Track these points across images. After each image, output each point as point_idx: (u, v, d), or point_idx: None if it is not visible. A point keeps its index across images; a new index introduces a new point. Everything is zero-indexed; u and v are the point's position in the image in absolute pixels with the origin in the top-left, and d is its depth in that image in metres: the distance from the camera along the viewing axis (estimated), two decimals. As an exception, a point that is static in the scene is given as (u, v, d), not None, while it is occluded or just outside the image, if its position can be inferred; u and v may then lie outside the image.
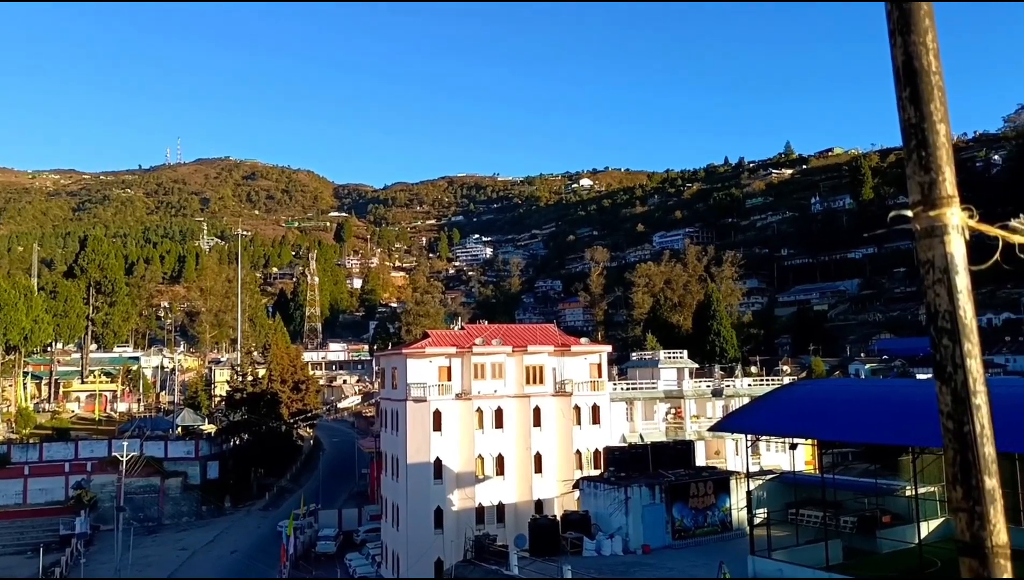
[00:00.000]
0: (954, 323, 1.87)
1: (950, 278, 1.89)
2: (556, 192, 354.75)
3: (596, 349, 58.37)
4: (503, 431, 51.16)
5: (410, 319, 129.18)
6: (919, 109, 1.98)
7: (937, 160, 1.95)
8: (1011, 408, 26.05)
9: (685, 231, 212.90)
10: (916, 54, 2.01)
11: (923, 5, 2.01)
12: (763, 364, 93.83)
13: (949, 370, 1.86)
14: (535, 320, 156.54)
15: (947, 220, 1.91)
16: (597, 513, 40.35)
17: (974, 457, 1.82)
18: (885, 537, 32.12)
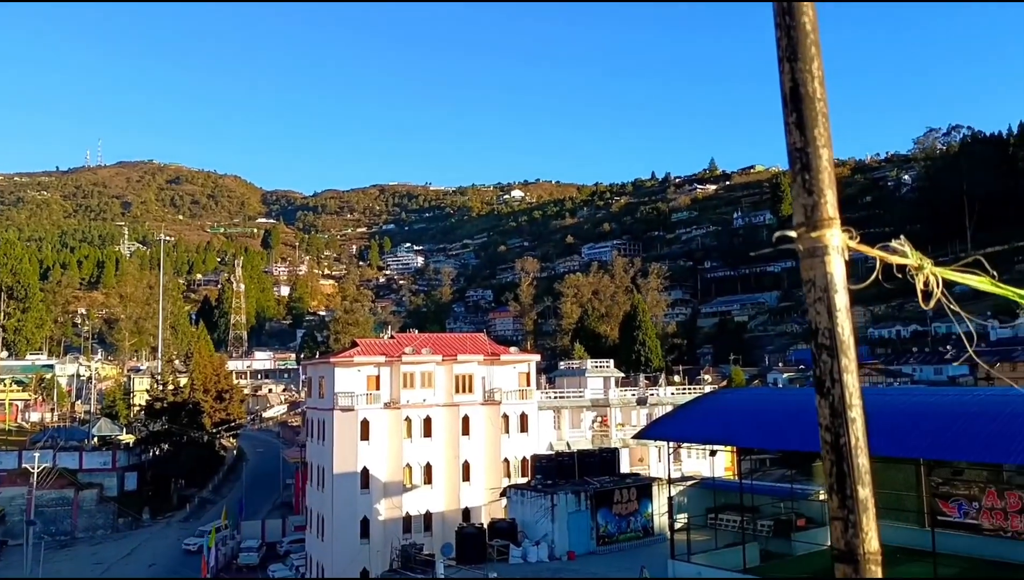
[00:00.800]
0: (833, 340, 1.90)
1: (830, 297, 1.93)
2: (488, 203, 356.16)
3: (525, 358, 58.99)
4: (432, 440, 51.18)
5: (339, 328, 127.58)
6: (804, 134, 2.04)
7: (819, 183, 2.01)
8: (918, 415, 27.60)
9: (613, 243, 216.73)
10: (802, 81, 2.05)
11: (810, 35, 2.06)
12: (686, 373, 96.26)
13: (827, 385, 1.90)
14: (466, 329, 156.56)
15: (828, 241, 1.97)
16: (524, 520, 40.80)
17: (849, 468, 1.86)
18: (799, 540, 33.34)
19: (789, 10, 2.03)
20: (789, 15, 2.03)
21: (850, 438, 1.86)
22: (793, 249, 2.19)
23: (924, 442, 26.00)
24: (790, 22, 2.03)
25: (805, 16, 2.04)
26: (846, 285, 1.98)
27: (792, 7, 2.04)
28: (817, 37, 2.08)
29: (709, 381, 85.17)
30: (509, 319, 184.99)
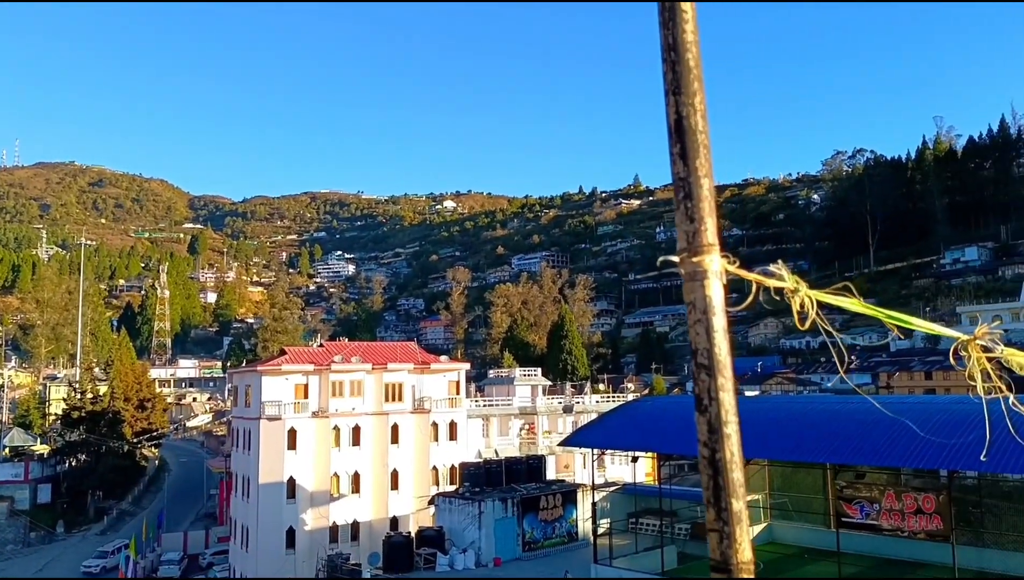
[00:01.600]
0: (711, 360, 1.96)
1: (708, 319, 1.99)
2: (420, 212, 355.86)
3: (455, 367, 59.58)
4: (360, 449, 51.24)
5: (267, 335, 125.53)
6: (687, 164, 2.09)
7: (700, 211, 2.06)
8: (825, 423, 29.32)
9: (542, 255, 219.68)
10: (686, 114, 2.10)
11: (693, 71, 2.10)
12: (610, 381, 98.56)
13: (705, 402, 1.94)
14: (397, 338, 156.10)
15: (707, 266, 2.02)
16: (452, 528, 41.29)
17: (724, 482, 1.88)
18: (714, 542, 34.81)
19: (675, 46, 2.12)
20: (674, 51, 2.12)
21: (725, 453, 1.91)
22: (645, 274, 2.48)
23: (830, 448, 27.66)
24: (675, 58, 2.11)
25: (689, 53, 2.12)
26: (724, 307, 2.06)
27: (677, 44, 2.12)
28: (700, 73, 2.13)
29: (632, 389, 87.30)
30: (440, 328, 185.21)
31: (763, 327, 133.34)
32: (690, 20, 2.04)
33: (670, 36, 2.06)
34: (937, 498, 28.47)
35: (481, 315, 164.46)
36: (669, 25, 2.04)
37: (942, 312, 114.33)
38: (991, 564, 27.73)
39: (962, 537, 27.27)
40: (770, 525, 36.46)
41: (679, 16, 2.03)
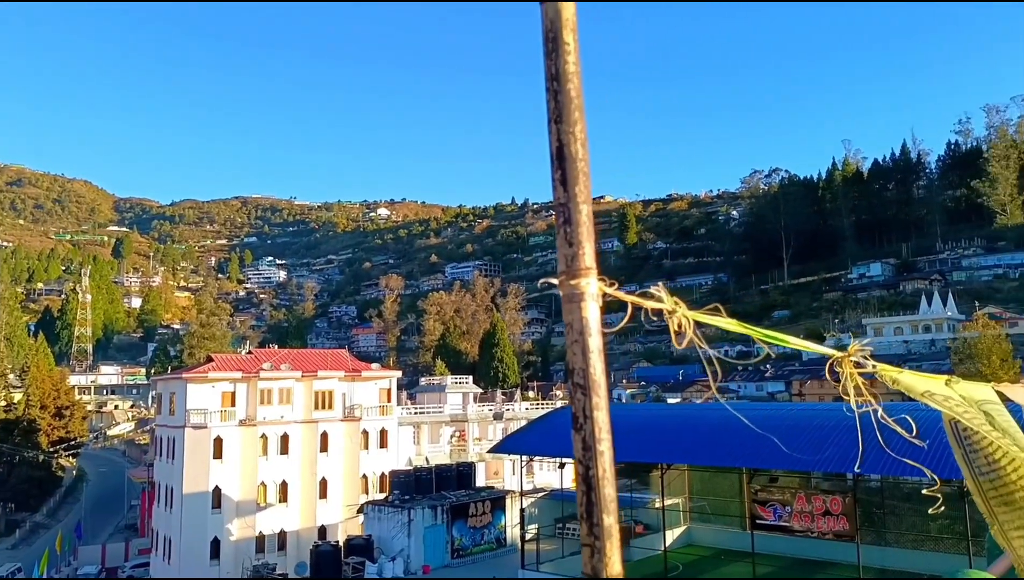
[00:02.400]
0: (586, 379, 1.90)
1: (585, 340, 1.94)
2: (354, 219, 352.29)
3: (386, 374, 59.37)
4: (288, 457, 50.56)
5: (194, 342, 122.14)
6: (567, 190, 2.05)
7: (579, 236, 2.01)
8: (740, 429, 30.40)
9: (475, 264, 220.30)
10: (567, 142, 2.08)
11: (575, 100, 2.10)
12: (540, 389, 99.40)
13: (581, 420, 1.90)
14: (328, 345, 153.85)
15: (584, 289, 1.97)
16: (381, 536, 41.12)
17: (597, 498, 1.84)
18: (637, 546, 35.52)
19: (557, 76, 2.11)
20: (557, 81, 2.11)
21: (598, 470, 1.86)
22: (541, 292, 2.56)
23: (745, 453, 28.74)
24: (557, 88, 2.11)
25: (571, 84, 2.11)
26: (600, 329, 2.00)
27: (560, 75, 2.11)
28: (581, 103, 2.13)
29: (561, 396, 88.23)
30: (373, 335, 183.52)
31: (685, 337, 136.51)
32: (572, 52, 2.07)
33: (553, 67, 2.09)
34: (844, 500, 29.86)
35: (414, 323, 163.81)
36: (552, 56, 2.06)
37: (849, 323, 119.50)
38: (893, 562, 29.25)
39: (867, 537, 28.68)
40: (689, 528, 37.50)
41: (562, 48, 2.05)
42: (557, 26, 2.14)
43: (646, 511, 38.70)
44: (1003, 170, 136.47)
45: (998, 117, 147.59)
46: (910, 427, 2.45)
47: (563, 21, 2.13)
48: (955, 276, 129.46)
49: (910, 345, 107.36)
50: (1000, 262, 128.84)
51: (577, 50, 2.19)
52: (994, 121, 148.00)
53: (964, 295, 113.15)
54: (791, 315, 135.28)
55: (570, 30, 2.15)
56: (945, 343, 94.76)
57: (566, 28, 2.14)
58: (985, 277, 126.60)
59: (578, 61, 2.18)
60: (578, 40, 2.19)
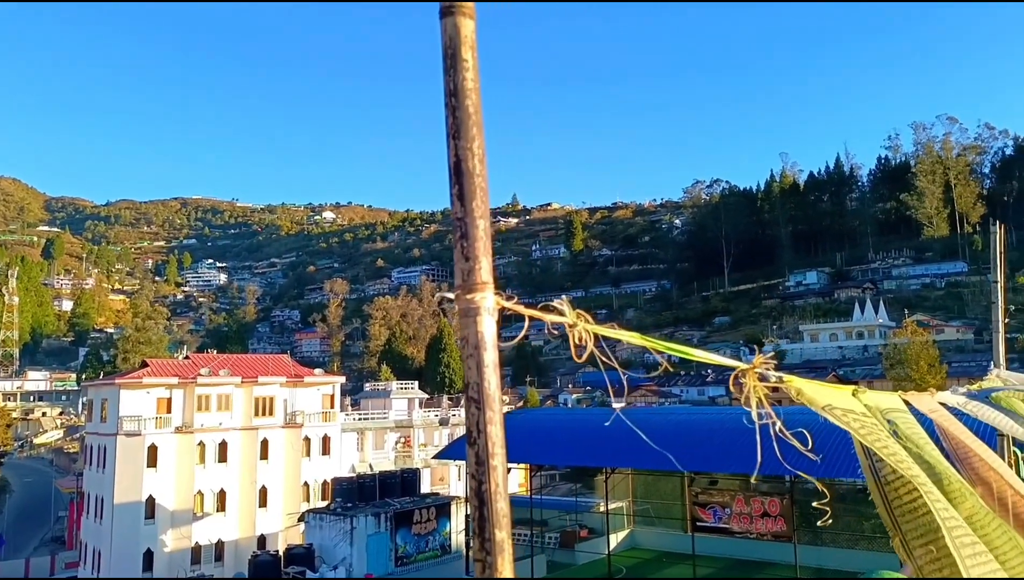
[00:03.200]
0: (480, 394, 1.95)
1: (479, 354, 1.98)
2: (298, 222, 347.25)
3: (329, 380, 58.59)
4: (227, 465, 49.47)
5: (128, 346, 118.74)
6: (464, 205, 2.10)
7: (475, 250, 2.05)
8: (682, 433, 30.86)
9: (422, 269, 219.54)
10: (464, 157, 2.11)
11: (473, 116, 2.14)
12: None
13: (474, 435, 1.94)
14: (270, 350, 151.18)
15: (480, 303, 2.02)
16: (322, 545, 40.51)
17: (489, 512, 1.87)
18: (582, 550, 35.80)
19: (456, 92, 2.14)
20: (455, 97, 2.14)
21: (491, 484, 1.89)
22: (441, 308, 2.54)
23: (686, 456, 29.19)
24: (456, 103, 2.14)
25: (469, 100, 2.14)
26: (496, 343, 2.06)
27: (458, 90, 2.14)
28: (480, 119, 2.18)
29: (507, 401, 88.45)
30: (316, 340, 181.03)
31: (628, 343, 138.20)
32: (471, 68, 2.10)
33: (452, 83, 2.12)
34: (781, 502, 30.58)
35: (359, 328, 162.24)
36: (451, 72, 2.09)
37: (787, 330, 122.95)
38: (828, 561, 30.01)
39: (803, 537, 29.34)
40: (633, 531, 37.88)
41: (460, 64, 2.08)
42: (456, 43, 2.13)
43: (591, 515, 38.98)
44: (929, 185, 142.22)
45: (925, 134, 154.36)
46: (806, 440, 2.49)
47: (462, 38, 2.12)
48: (886, 285, 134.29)
49: (845, 350, 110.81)
50: (927, 272, 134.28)
51: (476, 67, 2.18)
52: (921, 138, 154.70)
53: (894, 303, 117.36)
54: (731, 321, 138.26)
55: (468, 47, 2.14)
56: (877, 349, 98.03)
57: (464, 45, 2.13)
58: (914, 286, 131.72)
59: (477, 77, 2.17)
60: (477, 57, 2.19)
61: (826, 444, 4.94)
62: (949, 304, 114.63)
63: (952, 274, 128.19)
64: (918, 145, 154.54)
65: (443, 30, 2.08)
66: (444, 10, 2.07)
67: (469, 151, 2.09)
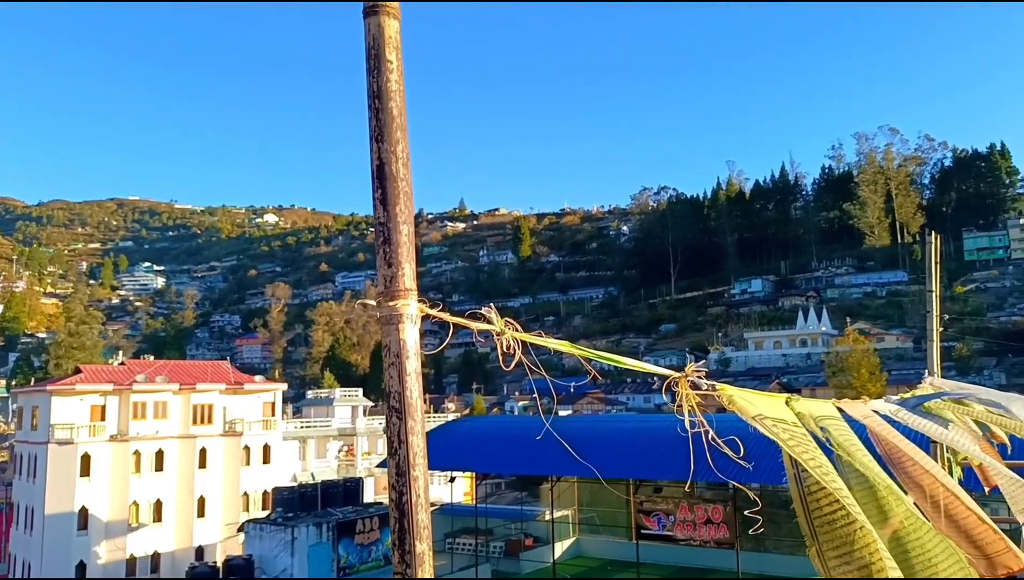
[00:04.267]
0: (402, 403, 2.00)
1: (401, 362, 2.02)
2: (239, 225, 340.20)
3: (270, 387, 57.52)
4: (164, 475, 48.12)
5: (61, 352, 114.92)
6: (387, 210, 2.10)
7: (398, 256, 2.07)
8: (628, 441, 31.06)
9: (367, 273, 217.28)
10: (388, 161, 2.13)
11: (397, 119, 2.15)
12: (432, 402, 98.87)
13: (395, 446, 1.98)
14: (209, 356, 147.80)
15: (402, 311, 2.04)
16: (262, 556, 39.66)
17: (410, 524, 1.91)
18: (527, 559, 35.69)
19: (379, 94, 2.16)
20: (379, 99, 2.17)
21: (412, 496, 1.94)
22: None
23: (631, 464, 29.37)
24: (379, 106, 2.16)
25: (393, 102, 2.16)
26: (418, 351, 2.10)
27: (382, 92, 2.16)
28: (404, 122, 2.17)
29: (453, 409, 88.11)
30: (257, 346, 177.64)
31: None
32: (395, 70, 2.14)
33: (375, 84, 2.14)
34: (724, 509, 30.94)
35: (302, 334, 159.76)
36: (374, 73, 2.13)
37: (732, 337, 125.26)
38: (771, 568, 30.42)
39: (746, 544, 29.72)
40: (578, 539, 37.93)
41: (384, 65, 2.13)
42: (380, 43, 2.08)
43: (536, 523, 38.90)
44: (872, 194, 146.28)
45: (867, 145, 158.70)
46: (738, 448, 2.57)
47: (386, 39, 2.07)
48: (829, 293, 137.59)
49: (788, 358, 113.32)
50: (869, 281, 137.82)
51: (400, 68, 2.14)
52: (864, 148, 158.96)
53: (837, 311, 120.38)
54: (678, 329, 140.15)
55: (393, 48, 2.08)
56: (820, 356, 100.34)
57: (389, 46, 2.08)
58: (856, 295, 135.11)
59: (401, 79, 2.14)
60: (402, 58, 2.13)
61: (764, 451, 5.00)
62: (890, 313, 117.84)
63: (893, 283, 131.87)
64: (861, 155, 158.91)
65: (367, 30, 2.12)
66: (368, 10, 2.12)
67: (392, 154, 2.10)
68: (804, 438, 2.94)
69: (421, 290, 9.95)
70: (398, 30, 2.14)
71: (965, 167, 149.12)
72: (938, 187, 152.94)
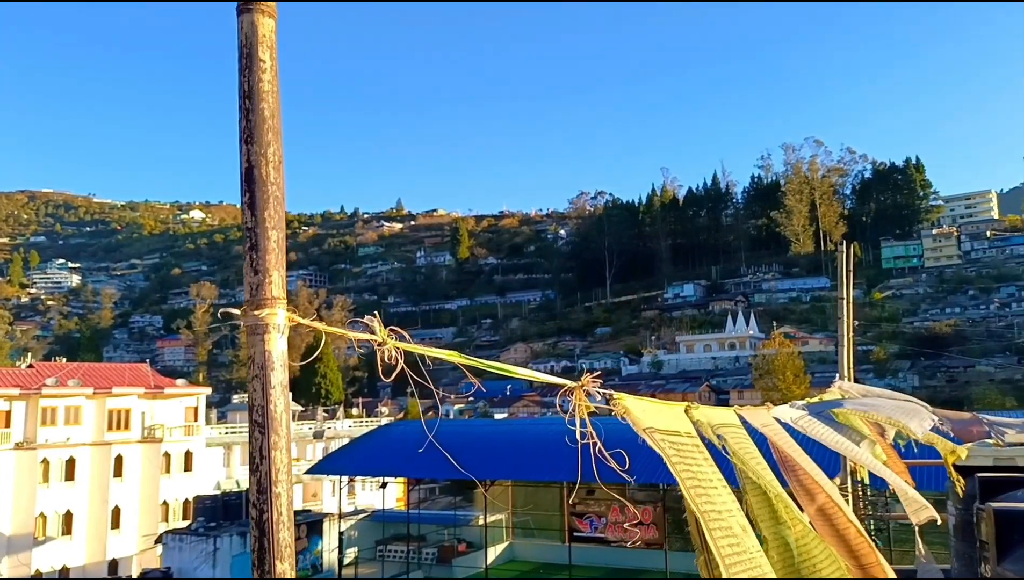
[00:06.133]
0: (265, 417, 1.93)
1: (266, 374, 1.95)
2: (163, 221, 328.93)
3: (193, 391, 55.66)
4: (75, 484, 45.87)
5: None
6: (255, 214, 2.05)
7: (266, 263, 2.03)
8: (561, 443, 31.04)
9: (299, 273, 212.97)
10: (257, 164, 2.07)
11: (268, 121, 2.09)
12: (365, 406, 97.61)
13: (257, 461, 1.91)
14: (128, 358, 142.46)
15: (268, 320, 1.98)
16: (182, 568, 38.22)
17: (270, 543, 1.85)
18: (460, 564, 35.34)
19: (250, 95, 2.09)
20: (250, 100, 2.09)
21: (273, 513, 1.87)
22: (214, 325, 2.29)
23: (563, 467, 29.37)
24: (250, 106, 2.09)
25: (265, 103, 2.10)
26: (285, 363, 2.02)
27: (253, 93, 2.09)
28: (276, 124, 2.10)
29: (387, 413, 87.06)
30: (180, 348, 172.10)
31: (514, 352, 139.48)
32: (268, 70, 2.00)
33: (246, 83, 2.01)
34: (654, 510, 31.23)
35: (228, 335, 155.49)
36: (246, 73, 1.99)
37: (665, 340, 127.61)
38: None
39: (675, 544, 30.06)
40: (512, 543, 37.79)
41: (256, 65, 1.98)
42: (252, 42, 1.89)
43: (470, 528, 38.59)
44: (797, 203, 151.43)
45: (794, 155, 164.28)
46: (623, 461, 2.58)
47: (259, 37, 1.88)
48: (757, 298, 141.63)
49: (718, 361, 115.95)
50: (794, 286, 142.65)
51: (275, 68, 2.03)
52: (791, 159, 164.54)
53: (764, 315, 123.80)
54: (612, 332, 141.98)
55: (267, 47, 1.89)
56: (748, 359, 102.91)
57: (262, 45, 1.89)
58: (782, 300, 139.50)
59: (275, 80, 2.06)
60: (276, 58, 1.91)
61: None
62: (813, 317, 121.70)
63: (817, 289, 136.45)
64: (788, 165, 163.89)
65: (239, 28, 1.97)
66: (241, 7, 1.98)
67: (263, 157, 2.00)
68: (694, 450, 2.99)
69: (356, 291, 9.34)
70: (273, 29, 2.02)
71: (883, 179, 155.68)
72: (859, 198, 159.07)
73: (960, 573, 5.17)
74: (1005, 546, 3.32)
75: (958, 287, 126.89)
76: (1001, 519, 3.38)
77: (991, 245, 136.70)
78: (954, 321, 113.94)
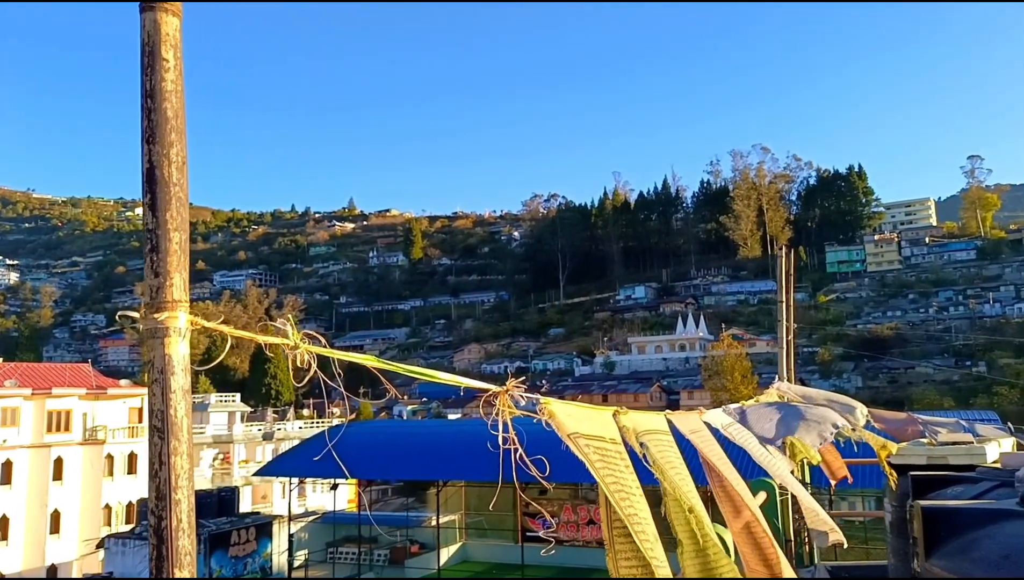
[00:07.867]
0: (164, 422, 1.90)
1: (166, 379, 1.92)
2: (107, 218, 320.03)
3: (138, 392, 54.34)
4: (11, 488, 44.43)
5: None
6: (156, 216, 2.02)
7: (167, 266, 1.99)
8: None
9: (248, 273, 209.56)
10: (159, 164, 2.05)
11: (171, 121, 2.06)
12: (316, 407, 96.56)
13: (156, 467, 1.88)
14: (70, 358, 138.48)
15: (169, 324, 1.95)
16: (125, 573, 37.35)
17: (168, 551, 1.81)
18: (412, 566, 35.12)
19: (152, 94, 2.06)
20: (152, 99, 2.06)
21: (172, 520, 1.83)
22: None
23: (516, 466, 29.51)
24: (152, 106, 2.06)
25: (168, 103, 2.07)
26: (187, 367, 1.98)
27: (156, 92, 2.06)
28: (180, 124, 2.08)
29: (339, 414, 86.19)
30: (125, 348, 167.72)
31: (467, 352, 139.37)
32: (172, 69, 1.96)
33: (148, 83, 1.96)
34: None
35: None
36: (148, 72, 1.94)
37: (617, 341, 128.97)
38: (651, 564, 31.26)
39: (626, 543, 30.34)
40: (465, 544, 37.77)
41: (159, 64, 1.94)
42: (155, 40, 1.86)
43: (422, 530, 38.39)
44: (745, 209, 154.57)
45: (742, 161, 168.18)
46: (544, 468, 2.65)
47: (162, 36, 1.86)
48: (706, 300, 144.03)
49: (668, 362, 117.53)
50: (742, 289, 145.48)
51: (179, 68, 1.96)
52: (739, 165, 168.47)
53: (713, 318, 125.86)
54: (565, 333, 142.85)
55: (170, 46, 1.87)
56: (697, 360, 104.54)
57: (166, 44, 1.86)
58: (730, 302, 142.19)
59: (179, 79, 1.97)
60: (180, 57, 1.90)
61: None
62: (761, 319, 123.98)
63: (764, 292, 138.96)
64: (736, 171, 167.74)
65: (142, 26, 1.92)
66: (144, 5, 1.93)
67: (165, 158, 1.96)
68: (618, 456, 3.02)
69: (307, 291, 9.27)
70: (178, 28, 1.97)
71: (828, 186, 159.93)
72: (804, 203, 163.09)
73: (895, 569, 5.37)
74: (932, 542, 3.47)
75: (899, 291, 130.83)
76: (928, 516, 3.54)
77: (929, 251, 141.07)
78: (895, 324, 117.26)
